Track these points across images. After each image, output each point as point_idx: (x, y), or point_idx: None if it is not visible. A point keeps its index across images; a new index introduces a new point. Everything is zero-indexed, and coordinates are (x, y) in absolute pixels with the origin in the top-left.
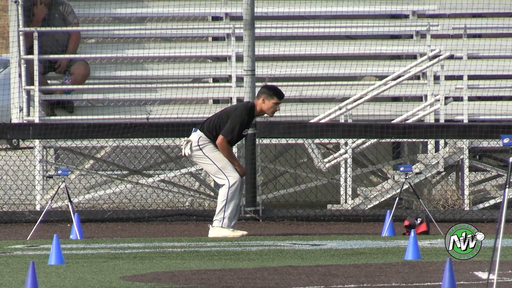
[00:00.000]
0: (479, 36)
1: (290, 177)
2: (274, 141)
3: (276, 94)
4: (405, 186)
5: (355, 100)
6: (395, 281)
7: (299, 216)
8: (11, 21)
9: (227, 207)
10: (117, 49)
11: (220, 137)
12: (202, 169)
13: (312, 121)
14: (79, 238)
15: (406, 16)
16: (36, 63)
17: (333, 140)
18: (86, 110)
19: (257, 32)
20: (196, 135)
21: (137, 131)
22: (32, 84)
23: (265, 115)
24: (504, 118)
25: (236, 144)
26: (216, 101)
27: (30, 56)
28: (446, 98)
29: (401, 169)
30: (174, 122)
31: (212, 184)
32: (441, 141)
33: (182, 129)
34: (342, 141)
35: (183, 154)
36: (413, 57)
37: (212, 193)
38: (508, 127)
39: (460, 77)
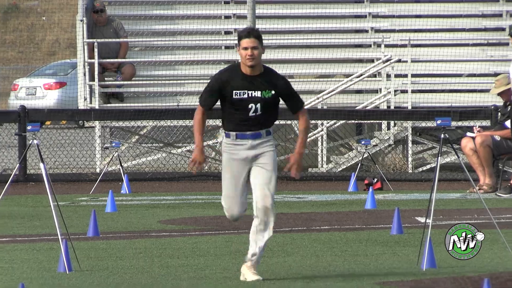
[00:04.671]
0: (419, 46)
1: (281, 148)
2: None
3: (239, 37)
4: (365, 155)
5: (329, 92)
6: (357, 224)
7: (288, 177)
8: (78, 34)
9: None
10: (155, 55)
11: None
12: (218, 141)
13: None
14: (127, 192)
15: (366, 31)
16: (96, 65)
17: (313, 121)
18: (132, 99)
19: None
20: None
21: (169, 115)
22: (93, 80)
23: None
24: (437, 106)
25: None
26: None
27: (91, 60)
28: (395, 91)
29: (362, 142)
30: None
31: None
32: (392, 122)
33: None
34: (319, 121)
35: None
36: (371, 61)
37: None
38: (441, 112)
39: (405, 76)
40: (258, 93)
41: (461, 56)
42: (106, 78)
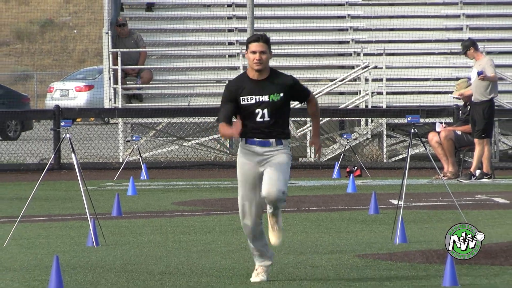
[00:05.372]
0: (393, 54)
1: None
2: None
3: (248, 41)
4: (347, 147)
5: (316, 94)
6: (340, 205)
7: None
8: (104, 45)
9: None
10: (169, 62)
11: None
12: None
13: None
14: (146, 179)
15: (348, 42)
16: (119, 71)
17: (303, 118)
18: (150, 100)
19: None
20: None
21: (181, 113)
22: (117, 83)
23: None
24: (408, 105)
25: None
26: None
27: (115, 67)
28: (372, 93)
29: (345, 136)
30: (205, 107)
31: (227, 144)
32: (369, 119)
33: (210, 111)
34: (308, 119)
35: None
36: (352, 67)
37: (227, 151)
38: (411, 110)
39: (381, 80)
40: (266, 97)
41: (428, 63)
42: (127, 82)
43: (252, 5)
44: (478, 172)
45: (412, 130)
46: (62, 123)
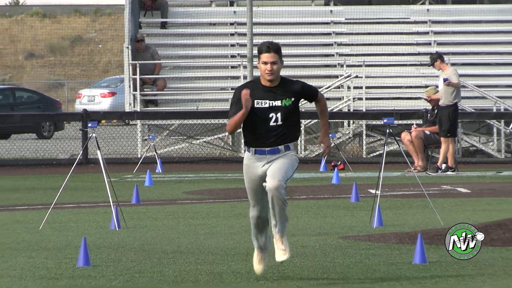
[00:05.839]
0: (371, 65)
1: None
2: None
3: (259, 50)
4: (332, 145)
5: None
6: (326, 194)
7: None
8: (125, 57)
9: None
10: (180, 72)
11: None
12: (226, 135)
13: None
14: (160, 171)
15: (333, 55)
16: (137, 80)
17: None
18: (164, 104)
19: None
20: None
21: (191, 115)
22: (136, 90)
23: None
24: (384, 109)
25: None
26: None
27: (134, 76)
28: (353, 98)
29: (330, 135)
30: (210, 111)
31: (229, 142)
32: (351, 121)
33: (215, 114)
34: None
35: None
36: (336, 76)
37: (229, 148)
38: (386, 113)
39: (361, 87)
40: (278, 102)
41: (401, 73)
42: (145, 89)
43: (251, 23)
44: (444, 166)
45: (387, 130)
46: (89, 124)
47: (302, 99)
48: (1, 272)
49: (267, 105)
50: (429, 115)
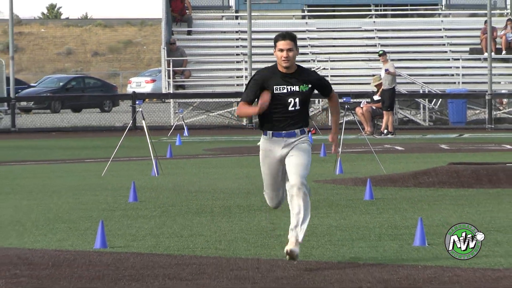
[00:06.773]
0: (335, 61)
1: None
2: None
3: (276, 39)
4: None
5: None
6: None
7: None
8: (162, 55)
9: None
10: (201, 66)
11: None
12: (233, 109)
13: None
14: (187, 135)
15: (307, 54)
16: (170, 71)
17: None
18: (189, 88)
19: (254, 61)
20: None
21: (208, 96)
22: (169, 78)
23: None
24: (345, 91)
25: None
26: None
27: (169, 68)
28: None
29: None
30: (221, 93)
31: (235, 115)
32: (320, 100)
33: (224, 95)
34: None
35: None
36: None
37: (235, 119)
38: (346, 94)
39: (328, 76)
40: (296, 88)
41: (356, 66)
42: (176, 77)
43: (250, 31)
44: (385, 131)
45: (346, 106)
46: (137, 102)
47: (316, 91)
48: (74, 206)
49: (285, 91)
50: (374, 96)
